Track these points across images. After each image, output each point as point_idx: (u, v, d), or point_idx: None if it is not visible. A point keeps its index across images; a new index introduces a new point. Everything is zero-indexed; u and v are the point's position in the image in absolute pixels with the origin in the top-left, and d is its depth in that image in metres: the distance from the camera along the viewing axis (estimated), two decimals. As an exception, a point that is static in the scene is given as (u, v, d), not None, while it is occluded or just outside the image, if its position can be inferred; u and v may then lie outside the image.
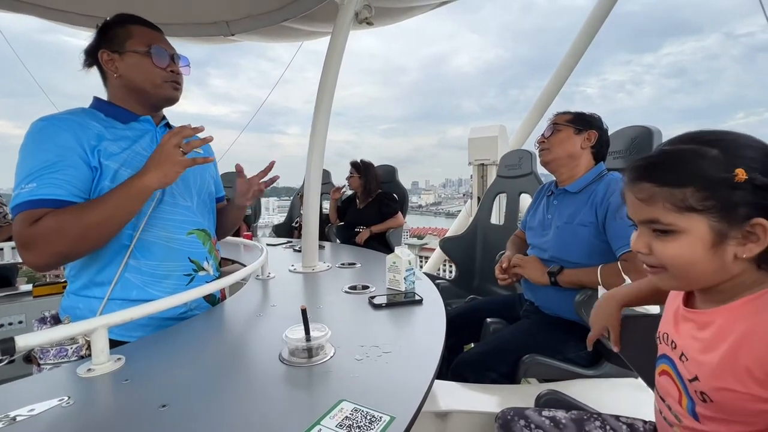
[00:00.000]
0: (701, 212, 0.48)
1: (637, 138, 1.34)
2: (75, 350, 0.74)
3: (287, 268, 1.44)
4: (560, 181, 1.33)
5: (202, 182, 1.05)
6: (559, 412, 0.76)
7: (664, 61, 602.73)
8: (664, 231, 0.51)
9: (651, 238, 0.53)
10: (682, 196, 0.49)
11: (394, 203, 2.90)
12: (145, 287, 0.89)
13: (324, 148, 1.56)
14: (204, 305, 1.01)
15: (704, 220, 0.48)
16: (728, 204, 0.47)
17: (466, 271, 2.31)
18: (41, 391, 0.59)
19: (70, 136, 0.81)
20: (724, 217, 0.48)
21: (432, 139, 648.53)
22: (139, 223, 0.87)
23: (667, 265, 0.52)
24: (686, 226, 0.49)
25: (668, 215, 0.50)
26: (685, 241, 0.50)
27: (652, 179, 0.52)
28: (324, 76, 1.53)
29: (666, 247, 0.51)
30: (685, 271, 0.51)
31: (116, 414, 0.54)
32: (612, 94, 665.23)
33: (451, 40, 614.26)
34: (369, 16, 1.61)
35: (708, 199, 0.48)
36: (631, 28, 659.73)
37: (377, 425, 0.50)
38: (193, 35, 2.28)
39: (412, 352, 0.74)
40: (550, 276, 1.21)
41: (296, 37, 2.60)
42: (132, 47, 0.89)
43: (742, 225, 0.47)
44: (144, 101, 0.93)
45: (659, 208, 0.51)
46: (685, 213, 0.49)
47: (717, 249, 0.49)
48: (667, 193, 0.50)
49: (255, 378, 0.64)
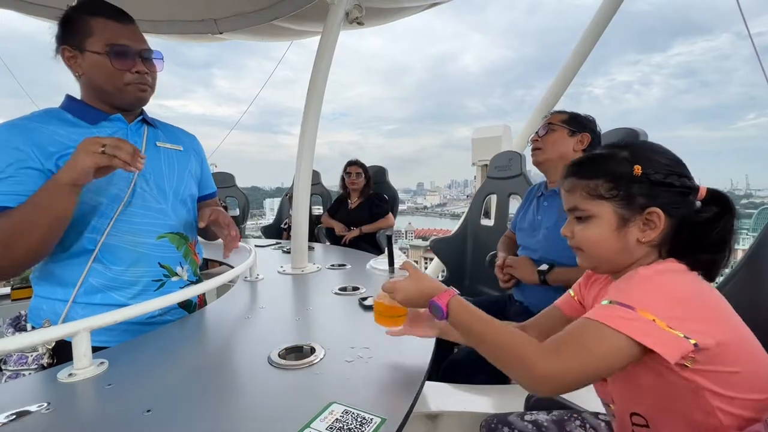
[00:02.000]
0: (608, 200, 0.60)
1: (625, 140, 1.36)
2: (35, 358, 0.72)
3: (276, 269, 1.43)
4: (551, 181, 1.34)
5: (179, 183, 0.98)
6: (540, 414, 0.77)
7: (674, 61, 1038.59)
8: (581, 218, 0.62)
9: (574, 224, 0.64)
10: (594, 186, 0.60)
11: (385, 204, 2.90)
12: (108, 291, 0.86)
13: (314, 148, 1.55)
14: (177, 310, 0.98)
15: (610, 207, 0.60)
16: (629, 194, 0.58)
17: (457, 272, 2.32)
18: (19, 397, 0.57)
19: (23, 142, 0.77)
20: (626, 205, 0.59)
21: (437, 140, 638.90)
22: (104, 227, 0.84)
23: (582, 246, 0.63)
24: (597, 211, 0.60)
25: (584, 202, 0.62)
26: (595, 223, 0.61)
27: (575, 174, 0.64)
28: (314, 75, 1.52)
29: (582, 230, 0.63)
30: (595, 250, 0.62)
31: (98, 420, 0.53)
32: (620, 95, 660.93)
33: (456, 40, 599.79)
34: (359, 16, 1.60)
35: (613, 189, 0.59)
36: (639, 28, 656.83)
37: (368, 427, 0.50)
38: (181, 33, 2.25)
39: (402, 354, 0.73)
40: (540, 275, 1.22)
41: (286, 36, 2.58)
42: (91, 47, 0.82)
43: (641, 212, 0.58)
44: (109, 102, 0.89)
45: (577, 196, 0.62)
46: (596, 200, 0.60)
47: (621, 231, 0.59)
48: (583, 184, 0.62)
49: (243, 381, 0.63)
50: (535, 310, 1.30)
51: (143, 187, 0.90)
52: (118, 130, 0.90)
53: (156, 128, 1.00)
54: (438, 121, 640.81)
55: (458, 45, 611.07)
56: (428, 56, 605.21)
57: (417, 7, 2.18)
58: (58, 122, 0.83)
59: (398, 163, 37.21)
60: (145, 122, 0.97)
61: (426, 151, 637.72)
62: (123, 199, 0.86)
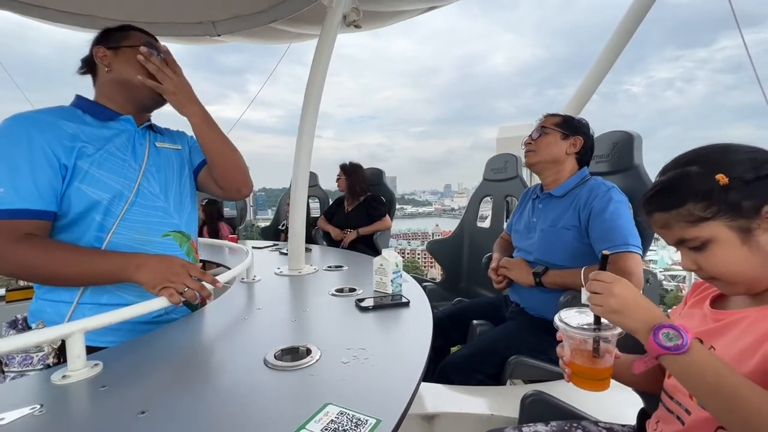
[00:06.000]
0: (712, 219, 0.53)
1: (619, 143, 1.37)
2: (41, 358, 0.71)
3: (273, 271, 1.42)
4: (545, 183, 1.35)
5: (180, 182, 1.01)
6: (539, 426, 0.76)
7: (719, 56, 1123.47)
8: (696, 246, 0.56)
9: (692, 255, 0.57)
10: (688, 212, 0.54)
11: (382, 206, 2.90)
12: (116, 291, 0.86)
13: (311, 150, 1.55)
14: (182, 309, 0.98)
15: (720, 224, 0.53)
16: (730, 204, 0.52)
17: (453, 274, 2.33)
18: (11, 399, 0.57)
19: (38, 136, 0.78)
20: (736, 216, 0.52)
21: (466, 142, 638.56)
22: (110, 226, 0.84)
23: (717, 274, 0.56)
24: (709, 234, 0.54)
25: (689, 231, 0.55)
26: (717, 246, 0.54)
27: (659, 209, 0.58)
28: (311, 78, 1.52)
29: (708, 257, 0.55)
30: (735, 273, 0.54)
31: (91, 422, 0.52)
32: (659, 93, 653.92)
33: (485, 40, 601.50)
34: (357, 19, 1.61)
35: (709, 207, 0.53)
36: (679, 22, 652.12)
37: (363, 428, 0.50)
38: (179, 35, 2.25)
39: (398, 355, 0.73)
40: (535, 276, 1.23)
41: (284, 39, 2.58)
42: (127, 43, 0.90)
43: (757, 215, 0.52)
44: (131, 97, 0.92)
45: (677, 229, 0.56)
46: (700, 224, 0.54)
47: (749, 243, 0.53)
48: (675, 215, 0.56)
49: (238, 382, 0.63)
50: (531, 312, 1.31)
51: (146, 186, 0.91)
52: (126, 131, 0.92)
53: (160, 135, 1.02)
54: (467, 123, 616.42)
55: (488, 45, 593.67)
56: (457, 57, 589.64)
57: (414, 10, 2.20)
58: (71, 118, 0.85)
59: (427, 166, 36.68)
60: (151, 129, 0.99)
61: (455, 153, 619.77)
62: (128, 198, 0.87)
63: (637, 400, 0.80)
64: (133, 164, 0.90)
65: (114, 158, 0.86)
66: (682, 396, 0.60)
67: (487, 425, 0.95)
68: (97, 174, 0.83)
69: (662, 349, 0.50)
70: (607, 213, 1.13)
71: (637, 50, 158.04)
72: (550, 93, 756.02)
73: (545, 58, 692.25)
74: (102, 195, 0.84)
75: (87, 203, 0.82)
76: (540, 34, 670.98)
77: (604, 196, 1.16)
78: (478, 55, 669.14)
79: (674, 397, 0.62)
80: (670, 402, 0.62)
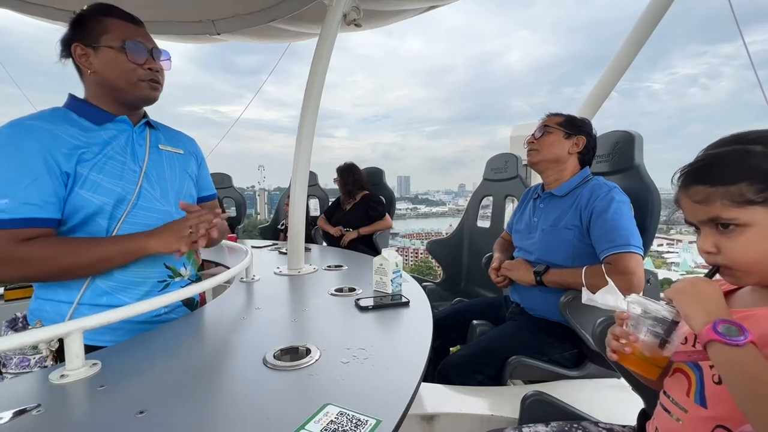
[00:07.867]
0: (760, 204, 0.50)
1: (620, 142, 1.37)
2: (38, 360, 0.71)
3: (272, 270, 1.42)
4: (547, 183, 1.35)
5: (181, 185, 1.00)
6: (539, 426, 0.76)
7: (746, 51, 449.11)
8: (727, 226, 0.52)
9: (716, 236, 0.54)
10: (738, 191, 0.51)
11: (381, 206, 2.89)
12: (114, 293, 0.86)
13: (311, 149, 1.55)
14: (181, 308, 0.98)
15: (764, 211, 0.50)
16: None
17: (453, 274, 2.32)
18: (9, 398, 0.56)
19: (37, 144, 0.77)
20: None
21: (480, 141, 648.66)
22: (112, 228, 0.84)
23: (734, 260, 0.53)
24: (749, 219, 0.51)
25: (728, 211, 0.52)
26: (752, 233, 0.51)
27: (705, 181, 0.54)
28: (311, 77, 1.51)
29: (734, 242, 0.52)
30: (753, 263, 0.52)
31: (89, 422, 0.52)
32: (682, 90, 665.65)
33: (500, 37, 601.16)
34: (357, 18, 1.60)
35: (763, 191, 0.50)
36: (703, 17, 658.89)
37: (363, 429, 0.49)
38: (179, 34, 2.24)
39: (398, 355, 0.73)
40: (536, 275, 1.23)
41: (284, 38, 2.58)
42: (107, 42, 0.84)
43: None
44: (120, 100, 0.89)
45: (717, 206, 0.52)
46: (745, 207, 0.51)
47: None
48: (722, 191, 0.52)
49: (238, 382, 0.62)
50: (531, 312, 1.31)
51: (147, 189, 0.90)
52: (123, 132, 0.90)
53: (158, 131, 1.01)
54: (481, 122, 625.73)
55: (503, 42, 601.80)
56: (471, 55, 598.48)
57: (415, 9, 2.19)
58: (67, 123, 0.83)
59: (440, 165, 35.93)
60: (148, 125, 0.97)
61: (469, 152, 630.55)
62: (129, 200, 0.86)
63: (638, 400, 0.80)
64: (133, 166, 0.89)
65: (113, 161, 0.85)
66: (679, 394, 0.60)
67: (487, 426, 0.95)
68: (98, 179, 0.82)
69: (718, 336, 0.48)
70: (608, 213, 1.13)
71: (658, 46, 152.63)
72: (566, 91, 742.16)
73: (562, 56, 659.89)
74: (104, 200, 0.83)
75: (90, 209, 0.81)
76: (556, 31, 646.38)
77: (606, 196, 1.16)
78: (492, 53, 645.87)
79: (671, 396, 0.61)
80: (667, 401, 0.62)
